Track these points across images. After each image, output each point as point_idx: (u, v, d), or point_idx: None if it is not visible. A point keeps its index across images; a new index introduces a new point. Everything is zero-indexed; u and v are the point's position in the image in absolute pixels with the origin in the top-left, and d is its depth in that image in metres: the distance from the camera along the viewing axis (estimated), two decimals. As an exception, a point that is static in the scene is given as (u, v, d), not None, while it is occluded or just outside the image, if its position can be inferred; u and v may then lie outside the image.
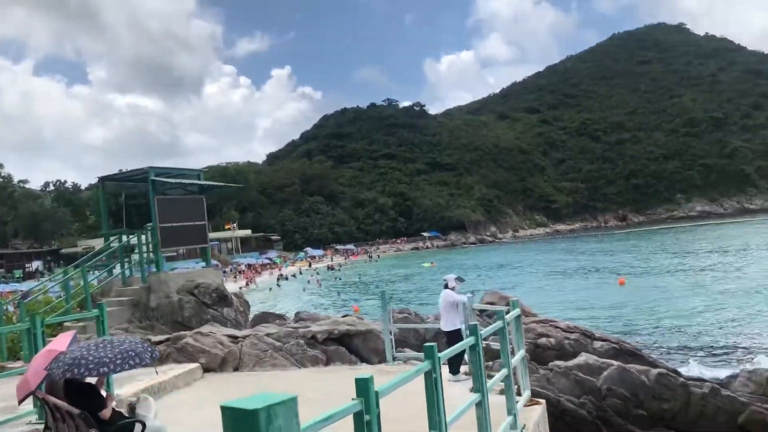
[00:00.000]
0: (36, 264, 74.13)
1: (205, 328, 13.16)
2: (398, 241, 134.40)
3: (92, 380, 6.75)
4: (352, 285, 58.03)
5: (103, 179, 17.74)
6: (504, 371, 7.51)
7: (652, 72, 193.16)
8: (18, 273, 67.25)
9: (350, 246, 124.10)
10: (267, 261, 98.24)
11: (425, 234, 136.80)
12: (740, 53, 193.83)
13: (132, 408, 7.25)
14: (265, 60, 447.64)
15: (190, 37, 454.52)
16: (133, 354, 6.72)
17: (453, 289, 10.81)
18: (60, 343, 7.17)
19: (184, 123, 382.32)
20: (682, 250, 59.30)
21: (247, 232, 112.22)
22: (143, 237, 16.79)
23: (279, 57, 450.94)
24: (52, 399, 6.62)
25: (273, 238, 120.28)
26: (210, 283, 17.07)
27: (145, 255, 16.61)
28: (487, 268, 63.09)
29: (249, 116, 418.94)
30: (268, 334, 12.73)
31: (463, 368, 11.00)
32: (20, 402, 6.85)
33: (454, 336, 10.70)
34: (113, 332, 14.88)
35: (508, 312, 8.62)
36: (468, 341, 6.39)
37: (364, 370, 12.16)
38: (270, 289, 57.52)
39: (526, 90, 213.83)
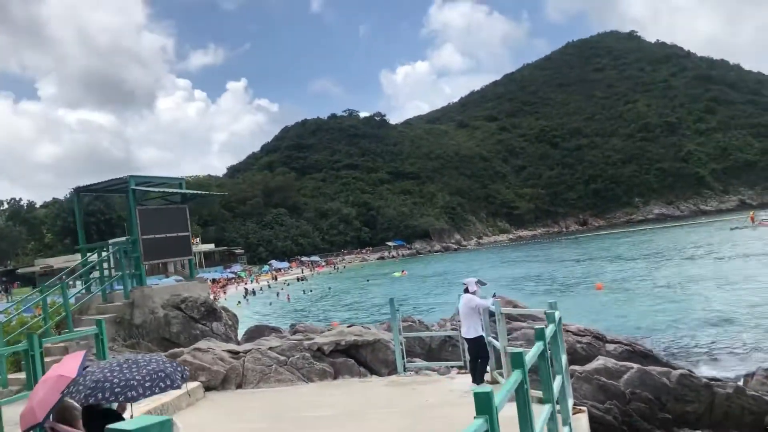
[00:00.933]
0: (-10, 285, 71.07)
1: (202, 344, 12.33)
2: (363, 251, 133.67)
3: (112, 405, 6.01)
4: (323, 298, 57.08)
5: (78, 190, 16.70)
6: (559, 378, 6.96)
7: (606, 78, 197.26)
8: (-28, 295, 64.28)
9: (315, 257, 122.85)
10: (232, 275, 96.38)
11: (390, 243, 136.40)
12: (690, 59, 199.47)
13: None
14: (219, 73, 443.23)
15: (141, 50, 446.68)
16: (163, 375, 5.98)
17: (474, 293, 10.27)
18: (69, 366, 6.38)
19: (137, 138, 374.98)
20: (651, 251, 60.14)
21: (210, 246, 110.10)
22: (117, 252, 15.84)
23: (234, 69, 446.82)
24: (65, 429, 5.81)
25: (237, 251, 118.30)
26: (197, 296, 16.20)
27: (128, 270, 15.65)
28: (457, 274, 62.84)
29: (205, 130, 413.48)
30: (271, 348, 11.99)
31: (486, 377, 10.45)
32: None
33: (478, 343, 10.15)
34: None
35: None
36: (536, 348, 5.83)
37: (374, 383, 11.51)
38: (239, 302, 56.20)
39: (485, 98, 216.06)
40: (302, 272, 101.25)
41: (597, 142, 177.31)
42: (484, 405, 3.71)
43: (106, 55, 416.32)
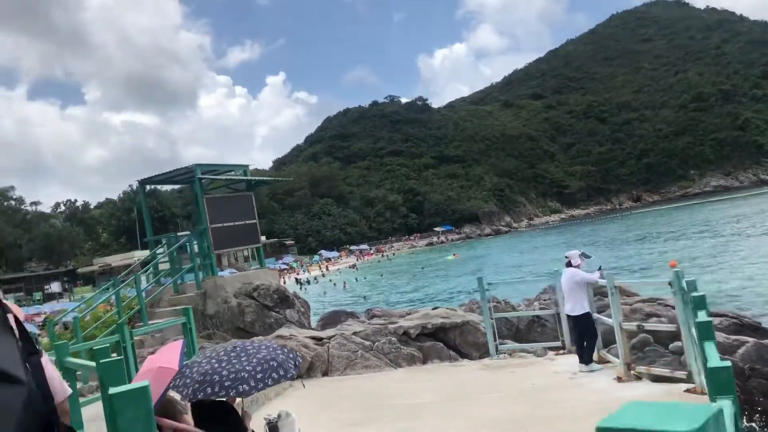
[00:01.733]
0: (54, 285, 72.94)
1: (284, 331, 11.82)
2: (411, 237, 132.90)
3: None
4: (377, 286, 56.67)
5: (143, 182, 16.44)
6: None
7: (654, 49, 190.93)
8: (38, 295, 66.10)
9: (363, 246, 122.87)
10: (284, 266, 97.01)
11: (438, 229, 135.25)
12: (743, 24, 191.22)
13: (273, 427, 5.93)
14: (257, 68, 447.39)
15: (180, 49, 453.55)
16: (275, 364, 5.37)
17: (578, 266, 9.43)
18: (169, 357, 5.83)
19: (182, 136, 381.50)
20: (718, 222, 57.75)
21: (262, 238, 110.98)
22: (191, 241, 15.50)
23: (271, 64, 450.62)
24: (169, 423, 5.24)
25: (287, 242, 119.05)
26: (269, 284, 15.75)
27: (198, 260, 15.31)
28: (513, 256, 61.66)
29: (247, 125, 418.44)
30: (355, 333, 11.38)
31: (594, 356, 9.61)
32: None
33: (584, 320, 9.32)
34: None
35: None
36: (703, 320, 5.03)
37: (467, 367, 10.79)
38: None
39: (529, 77, 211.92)
40: (356, 260, 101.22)
41: (647, 115, 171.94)
42: (725, 383, 2.95)
43: (146, 56, 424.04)
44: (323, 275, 76.27)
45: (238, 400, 5.79)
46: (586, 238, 69.50)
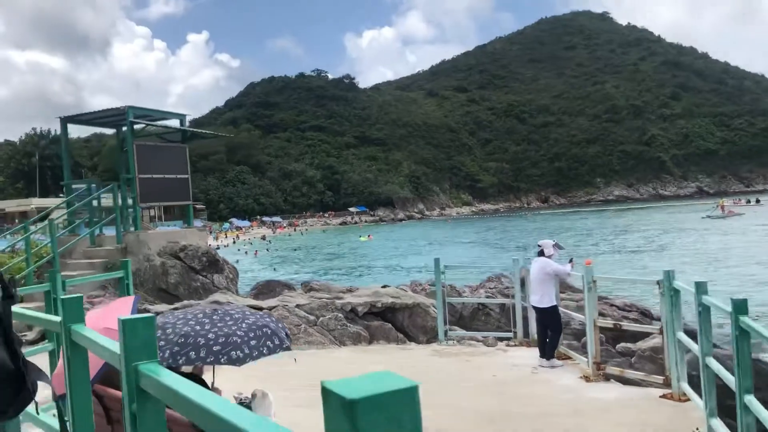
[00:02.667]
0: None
1: (219, 296, 10.87)
2: (326, 215, 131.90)
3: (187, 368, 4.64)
4: (287, 258, 55.60)
5: (65, 120, 14.80)
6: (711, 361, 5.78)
7: (577, 57, 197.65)
8: None
9: (277, 218, 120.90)
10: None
11: (353, 209, 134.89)
12: (660, 44, 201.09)
13: (245, 407, 5.09)
14: (180, 23, 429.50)
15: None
16: (269, 332, 4.60)
17: (550, 257, 9.04)
18: (114, 317, 4.92)
19: (89, 83, 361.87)
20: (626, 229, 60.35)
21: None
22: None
23: (195, 21, 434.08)
24: (117, 394, 4.33)
25: (198, 207, 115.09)
26: (197, 245, 14.63)
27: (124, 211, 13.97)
28: (430, 242, 62.12)
29: (162, 81, 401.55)
30: (298, 306, 10.59)
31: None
32: (57, 399, 4.63)
33: (552, 314, 8.95)
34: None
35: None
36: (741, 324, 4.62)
37: (417, 351, 10.26)
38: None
39: (455, 69, 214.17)
40: (270, 232, 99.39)
41: (564, 120, 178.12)
42: None
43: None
44: (234, 243, 74.28)
45: (207, 372, 4.96)
46: (499, 234, 71.05)
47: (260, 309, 10.58)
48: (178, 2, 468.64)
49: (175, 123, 15.71)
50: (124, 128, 16.18)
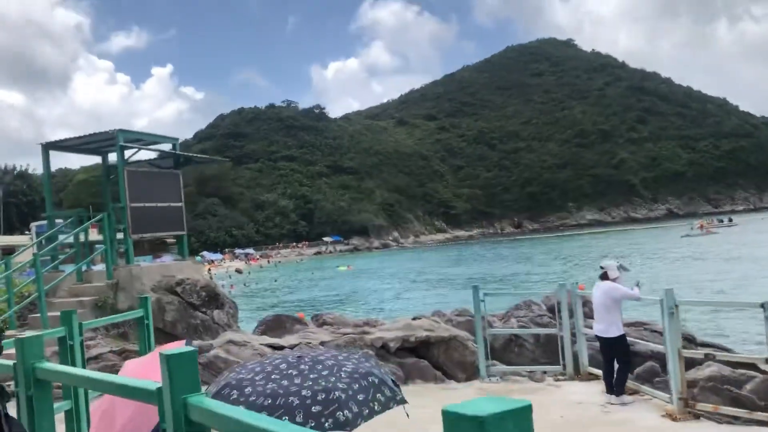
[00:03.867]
0: None
1: (234, 335, 9.65)
2: (299, 245, 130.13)
3: None
4: (265, 291, 54.01)
5: (47, 146, 13.52)
6: None
7: (544, 84, 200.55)
8: None
9: (250, 250, 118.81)
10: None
11: (327, 239, 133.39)
12: (624, 70, 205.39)
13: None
14: (143, 57, 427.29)
15: (53, 26, 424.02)
16: (376, 380, 3.50)
17: (615, 280, 8.07)
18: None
19: (50, 119, 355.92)
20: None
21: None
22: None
23: (159, 54, 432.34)
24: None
25: (168, 241, 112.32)
26: (195, 278, 13.37)
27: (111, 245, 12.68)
28: (408, 271, 61.05)
29: (126, 115, 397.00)
30: (323, 343, 9.41)
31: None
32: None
33: (620, 344, 7.94)
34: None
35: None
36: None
37: (461, 391, 9.14)
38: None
39: (424, 97, 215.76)
40: (243, 264, 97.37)
41: (534, 146, 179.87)
42: None
43: (13, 28, 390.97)
44: (211, 278, 72.02)
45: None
46: (478, 264, 70.39)
47: (281, 348, 9.40)
48: (141, 36, 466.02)
49: (167, 147, 14.54)
50: (111, 154, 15.04)
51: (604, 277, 8.04)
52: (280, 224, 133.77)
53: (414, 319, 10.49)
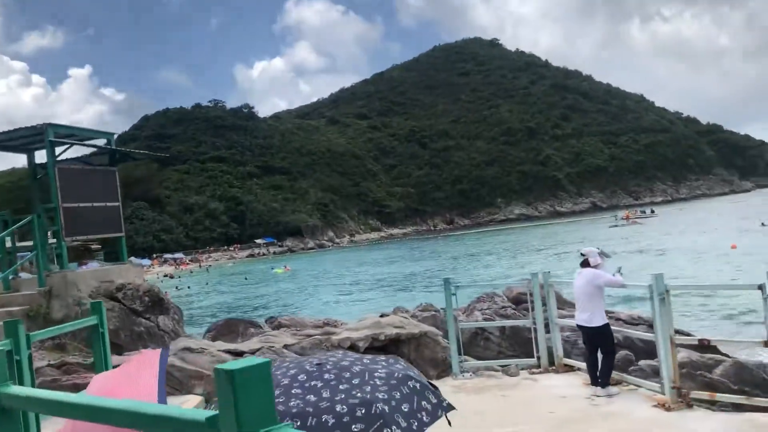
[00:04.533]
0: None
1: (188, 342, 8.98)
2: (231, 248, 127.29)
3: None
4: (198, 295, 52.44)
5: (-36, 142, 12.32)
6: None
7: (471, 83, 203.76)
8: None
9: (179, 254, 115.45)
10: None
11: (259, 241, 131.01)
12: (547, 69, 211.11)
13: None
14: (60, 57, 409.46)
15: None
16: (417, 386, 3.09)
17: (597, 266, 7.86)
18: (144, 383, 3.25)
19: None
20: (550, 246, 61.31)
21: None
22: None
23: (77, 55, 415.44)
24: None
25: (93, 247, 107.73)
26: (137, 283, 12.48)
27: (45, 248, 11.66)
28: (345, 271, 60.57)
29: (42, 118, 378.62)
30: (287, 346, 8.85)
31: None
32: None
33: (604, 333, 7.74)
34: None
35: None
36: None
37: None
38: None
39: (355, 96, 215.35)
40: (173, 269, 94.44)
41: (463, 144, 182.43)
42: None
43: None
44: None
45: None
46: (419, 259, 70.59)
47: (241, 354, 8.77)
48: (57, 36, 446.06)
49: (101, 143, 13.54)
50: (38, 152, 13.91)
51: (585, 264, 7.84)
52: (210, 227, 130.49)
53: (381, 316, 10.04)
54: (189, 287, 59.54)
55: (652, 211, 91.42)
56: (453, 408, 3.21)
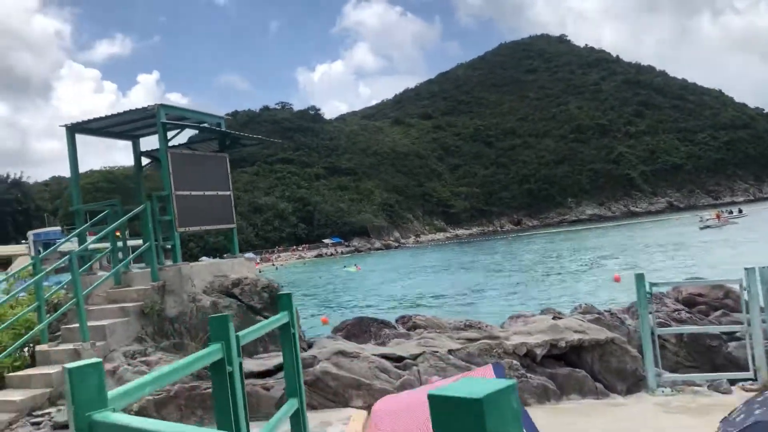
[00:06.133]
0: None
1: (344, 345, 7.72)
2: (299, 248, 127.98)
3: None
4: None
5: (72, 129, 11.55)
6: None
7: (539, 80, 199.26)
8: None
9: (249, 254, 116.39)
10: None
11: (327, 240, 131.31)
12: (619, 64, 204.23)
13: None
14: (129, 64, 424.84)
15: (32, 35, 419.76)
16: None
17: None
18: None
19: (35, 129, 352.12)
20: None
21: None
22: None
23: (144, 62, 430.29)
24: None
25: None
26: (254, 278, 11.41)
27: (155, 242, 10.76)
28: (420, 270, 59.15)
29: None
30: (451, 351, 7.48)
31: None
32: None
33: None
34: (125, 356, 9.09)
35: None
36: None
37: (633, 408, 7.22)
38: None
39: (419, 96, 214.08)
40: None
41: (530, 142, 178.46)
42: None
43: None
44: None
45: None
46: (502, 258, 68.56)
47: (401, 359, 7.46)
48: (126, 43, 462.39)
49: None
50: (143, 139, 13.10)
51: None
52: (279, 227, 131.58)
53: (554, 318, 8.57)
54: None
55: (740, 210, 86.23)
56: None
